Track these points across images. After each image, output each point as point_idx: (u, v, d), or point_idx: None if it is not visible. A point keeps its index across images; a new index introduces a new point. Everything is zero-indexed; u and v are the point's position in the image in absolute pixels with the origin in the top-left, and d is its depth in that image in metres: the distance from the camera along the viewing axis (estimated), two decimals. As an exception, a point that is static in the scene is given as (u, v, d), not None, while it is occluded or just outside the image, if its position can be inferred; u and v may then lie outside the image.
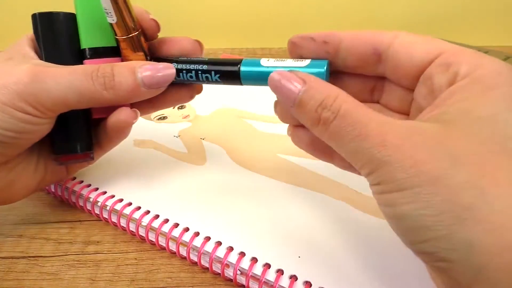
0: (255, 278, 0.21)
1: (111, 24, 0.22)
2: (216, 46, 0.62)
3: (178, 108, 0.38)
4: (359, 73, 0.20)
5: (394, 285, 0.20)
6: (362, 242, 0.22)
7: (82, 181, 0.28)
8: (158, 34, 0.25)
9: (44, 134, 0.22)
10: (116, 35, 0.23)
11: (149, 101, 0.24)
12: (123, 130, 0.24)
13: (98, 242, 0.25)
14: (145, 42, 0.24)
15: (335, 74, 0.21)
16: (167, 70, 0.22)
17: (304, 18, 0.60)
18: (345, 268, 0.21)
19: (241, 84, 0.22)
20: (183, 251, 0.23)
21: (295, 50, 0.20)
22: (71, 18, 0.23)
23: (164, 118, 0.36)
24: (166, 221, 0.24)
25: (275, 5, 0.60)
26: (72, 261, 0.24)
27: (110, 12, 0.22)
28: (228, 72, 0.22)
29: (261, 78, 0.21)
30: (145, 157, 0.30)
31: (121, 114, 0.23)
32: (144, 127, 0.35)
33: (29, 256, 0.24)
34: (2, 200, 0.24)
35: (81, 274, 0.23)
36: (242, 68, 0.21)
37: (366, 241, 0.22)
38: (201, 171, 0.29)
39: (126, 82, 0.21)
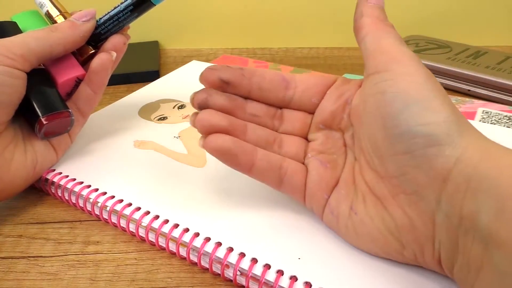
0: (255, 278, 0.21)
1: (46, 14, 0.30)
2: (216, 46, 0.62)
3: (178, 108, 0.38)
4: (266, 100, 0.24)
5: (394, 285, 0.20)
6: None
7: (82, 182, 0.28)
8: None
9: (20, 95, 0.25)
10: (52, 18, 0.30)
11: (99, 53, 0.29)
12: (105, 71, 0.29)
13: (98, 242, 0.25)
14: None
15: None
16: (89, 10, 0.29)
17: (304, 18, 0.60)
18: (345, 268, 0.21)
19: (153, 4, 0.28)
20: (183, 252, 0.23)
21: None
22: (16, 25, 0.29)
23: (164, 118, 0.36)
24: (166, 221, 0.24)
25: (275, 5, 0.60)
26: (72, 261, 0.24)
27: (42, 3, 0.30)
28: (138, 0, 0.28)
29: None
30: (145, 158, 0.30)
31: (101, 55, 0.29)
32: (144, 128, 0.35)
33: (29, 256, 0.24)
34: (6, 182, 0.26)
35: (81, 274, 0.23)
36: None
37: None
38: (201, 172, 0.29)
39: (65, 24, 0.28)
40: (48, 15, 0.30)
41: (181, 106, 0.38)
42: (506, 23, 0.60)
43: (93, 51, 0.29)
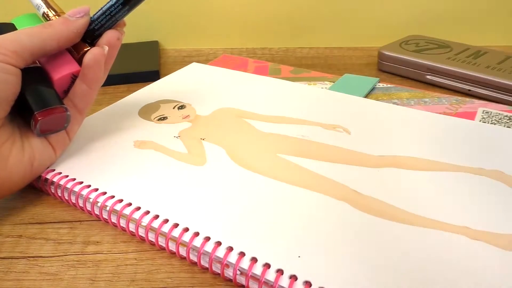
0: (255, 278, 0.21)
1: (43, 15, 0.30)
2: (216, 46, 0.62)
3: (178, 108, 0.38)
4: None
5: (394, 284, 0.20)
6: (362, 242, 0.22)
7: (82, 182, 0.28)
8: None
9: (15, 91, 0.26)
10: (48, 19, 0.30)
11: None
12: (98, 65, 0.29)
13: (97, 242, 0.25)
14: None
15: None
16: (83, 6, 0.29)
17: (304, 18, 0.60)
18: (345, 268, 0.21)
19: None
20: (182, 251, 0.23)
21: None
22: (14, 27, 0.30)
23: (164, 118, 0.36)
24: (166, 221, 0.24)
25: (275, 5, 0.60)
26: (71, 261, 0.24)
27: (39, 5, 0.30)
28: None
29: None
30: (145, 158, 0.30)
31: (93, 50, 0.29)
32: (144, 128, 0.35)
33: (29, 256, 0.24)
34: (3, 178, 0.26)
35: (80, 274, 0.23)
36: None
37: (366, 241, 0.22)
38: (201, 171, 0.29)
39: (58, 20, 0.28)
40: (45, 16, 0.30)
41: (181, 107, 0.38)
42: (506, 23, 0.60)
43: (89, 48, 0.30)
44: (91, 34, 0.30)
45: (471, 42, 0.53)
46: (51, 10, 0.30)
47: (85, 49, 0.29)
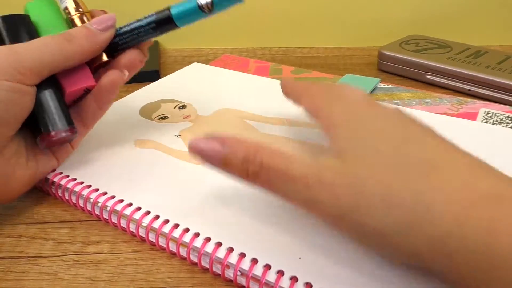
0: (255, 279, 0.21)
1: (64, 10, 0.28)
2: (216, 46, 0.62)
3: (179, 108, 0.38)
4: None
5: (395, 286, 0.20)
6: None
7: (83, 182, 0.28)
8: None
9: (28, 110, 0.25)
10: (70, 15, 0.28)
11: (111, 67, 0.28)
12: (114, 89, 0.28)
13: (98, 242, 0.25)
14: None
15: None
16: (109, 15, 0.27)
17: (304, 18, 0.60)
18: (346, 269, 0.21)
19: (177, 26, 0.27)
20: (183, 252, 0.23)
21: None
22: (28, 19, 0.27)
23: (165, 118, 0.36)
24: (167, 221, 0.24)
25: (275, 5, 0.59)
26: (71, 261, 0.24)
27: None
28: (162, 20, 0.27)
29: (192, 13, 0.27)
30: (146, 158, 0.30)
31: (113, 73, 0.27)
32: (144, 127, 0.35)
33: (29, 256, 0.24)
34: (2, 195, 0.25)
35: (80, 274, 0.23)
36: (173, 11, 0.26)
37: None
38: (202, 171, 0.29)
39: (82, 33, 0.26)
40: (66, 11, 0.28)
41: (182, 107, 0.38)
42: (506, 23, 0.60)
43: (106, 60, 0.28)
44: (113, 48, 0.28)
45: (471, 42, 0.53)
46: (75, 8, 0.28)
47: (103, 61, 0.28)
